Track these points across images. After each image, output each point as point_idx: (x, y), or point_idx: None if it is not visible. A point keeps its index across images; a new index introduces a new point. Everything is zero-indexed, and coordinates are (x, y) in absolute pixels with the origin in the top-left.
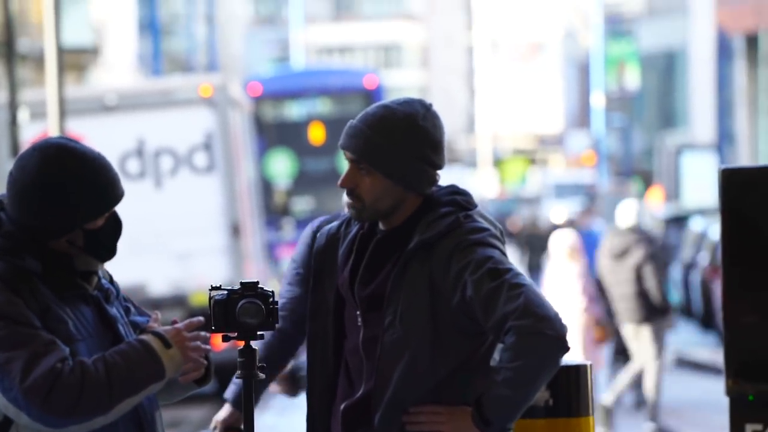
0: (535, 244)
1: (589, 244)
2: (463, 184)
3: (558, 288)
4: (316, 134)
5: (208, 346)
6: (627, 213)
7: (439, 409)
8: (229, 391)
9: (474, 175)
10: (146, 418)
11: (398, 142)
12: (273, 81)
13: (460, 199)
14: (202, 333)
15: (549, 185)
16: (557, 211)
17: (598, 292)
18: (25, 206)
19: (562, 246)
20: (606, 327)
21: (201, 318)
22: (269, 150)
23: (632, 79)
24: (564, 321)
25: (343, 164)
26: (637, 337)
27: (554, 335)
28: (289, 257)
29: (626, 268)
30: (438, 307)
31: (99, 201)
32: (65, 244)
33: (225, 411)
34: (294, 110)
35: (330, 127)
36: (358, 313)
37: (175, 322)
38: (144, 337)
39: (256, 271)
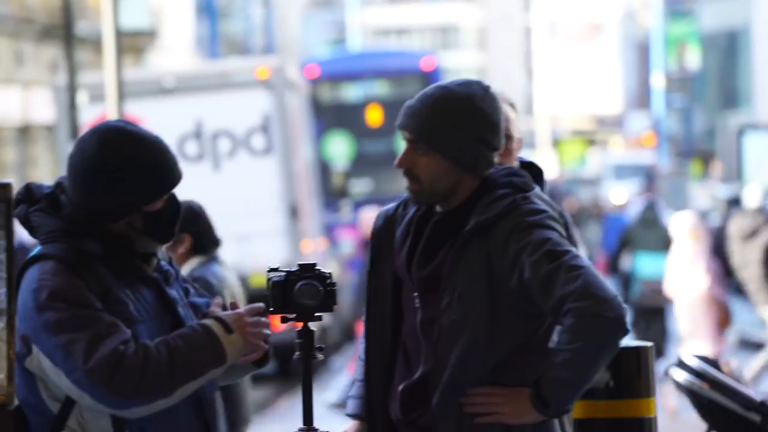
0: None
1: (615, 230)
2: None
3: (682, 269)
4: (374, 116)
5: (268, 331)
6: (753, 195)
7: (497, 390)
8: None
9: (533, 157)
10: (206, 399)
11: (456, 123)
12: (331, 63)
13: (517, 181)
14: (263, 318)
15: (608, 166)
16: (617, 192)
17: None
18: (85, 190)
19: (683, 227)
20: (728, 310)
21: (262, 304)
22: (327, 132)
23: (693, 59)
24: (623, 303)
25: (401, 146)
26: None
27: (613, 317)
28: (348, 239)
29: (755, 249)
30: (495, 289)
31: (158, 183)
32: (125, 227)
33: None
34: (351, 92)
35: (388, 109)
36: (415, 294)
37: (234, 305)
38: (206, 321)
39: (315, 253)
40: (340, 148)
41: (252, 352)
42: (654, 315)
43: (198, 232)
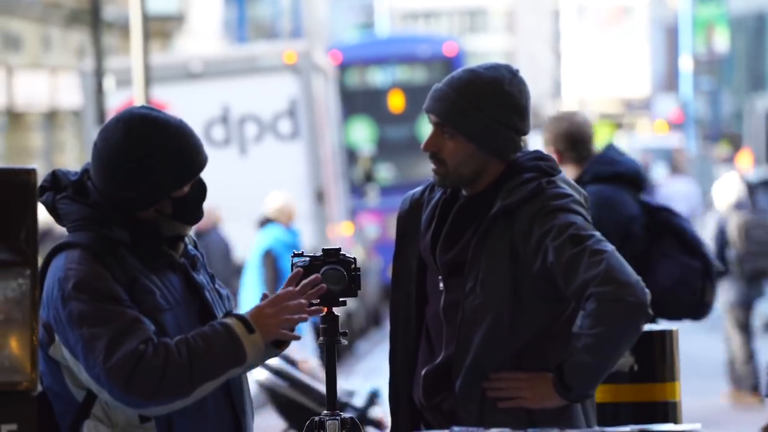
0: None
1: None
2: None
3: None
4: (396, 102)
5: (300, 315)
6: None
7: (520, 375)
8: None
9: None
10: (234, 386)
11: (483, 106)
12: (353, 49)
13: (543, 165)
14: (291, 302)
15: (636, 149)
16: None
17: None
18: (112, 179)
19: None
20: None
21: (291, 288)
22: (349, 118)
23: (721, 41)
24: (645, 287)
25: (423, 132)
26: None
27: (635, 302)
28: (371, 224)
29: None
30: (519, 273)
31: (185, 169)
32: (153, 213)
33: None
34: (374, 78)
35: (410, 94)
36: (439, 278)
37: (265, 296)
38: (227, 320)
39: (340, 238)
40: (362, 133)
41: (283, 337)
42: None
43: None
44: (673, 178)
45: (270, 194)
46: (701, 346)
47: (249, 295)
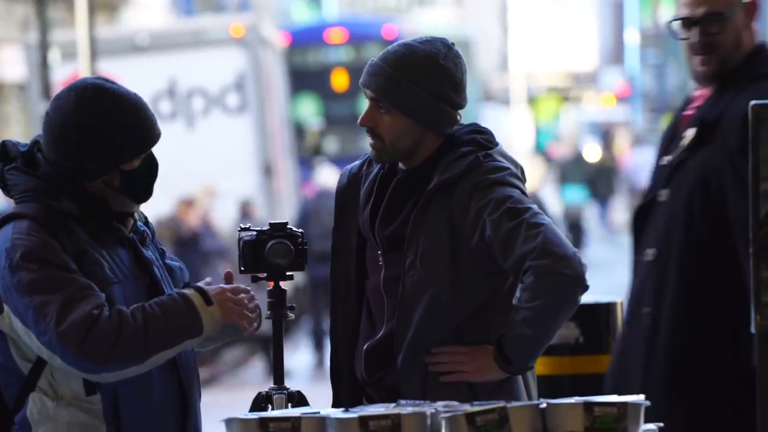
0: None
1: None
2: (496, 123)
3: None
4: (339, 81)
5: (253, 314)
6: None
7: (461, 348)
8: None
9: (508, 113)
10: (182, 363)
11: (418, 81)
12: (301, 31)
13: (480, 138)
14: (250, 300)
15: (582, 123)
16: (589, 149)
17: None
18: (62, 147)
19: None
20: None
21: (250, 290)
22: (297, 94)
23: (668, 15)
24: (583, 260)
25: (363, 108)
26: None
27: (573, 274)
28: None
29: None
30: (458, 247)
31: (136, 142)
32: (102, 186)
33: None
34: (319, 58)
35: (352, 74)
36: (379, 253)
37: (228, 274)
38: (186, 291)
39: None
40: (308, 109)
41: (235, 332)
42: None
43: None
44: (638, 149)
45: None
46: None
47: None
